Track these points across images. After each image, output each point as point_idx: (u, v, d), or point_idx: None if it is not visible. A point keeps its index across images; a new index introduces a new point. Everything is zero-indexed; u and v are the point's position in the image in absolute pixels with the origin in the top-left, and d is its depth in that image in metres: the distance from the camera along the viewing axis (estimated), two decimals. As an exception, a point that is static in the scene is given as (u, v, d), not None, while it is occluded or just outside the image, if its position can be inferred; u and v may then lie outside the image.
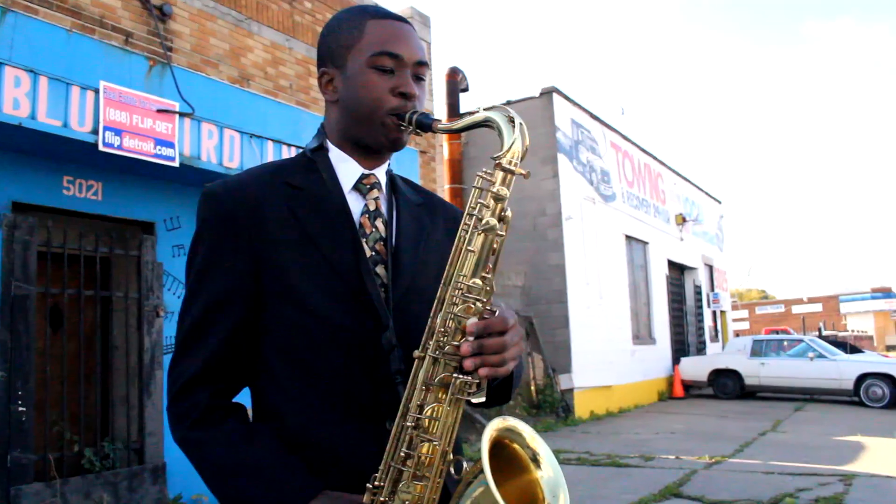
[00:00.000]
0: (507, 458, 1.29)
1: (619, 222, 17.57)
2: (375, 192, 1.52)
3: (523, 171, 1.34)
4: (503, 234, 1.31)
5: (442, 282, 1.32)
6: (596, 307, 15.81)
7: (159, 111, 6.42)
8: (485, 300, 1.29)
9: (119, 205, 6.84)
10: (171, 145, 6.47)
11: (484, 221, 1.29)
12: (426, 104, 1.57)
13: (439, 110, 17.44)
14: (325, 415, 1.38)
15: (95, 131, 5.94)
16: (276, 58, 8.41)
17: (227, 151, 6.93)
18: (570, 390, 14.60)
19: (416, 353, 1.30)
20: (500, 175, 1.31)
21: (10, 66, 5.48)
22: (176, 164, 6.46)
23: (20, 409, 5.94)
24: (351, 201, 1.49)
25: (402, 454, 1.26)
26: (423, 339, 1.31)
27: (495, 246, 1.31)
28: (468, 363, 1.24)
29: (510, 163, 1.32)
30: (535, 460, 1.29)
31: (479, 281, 1.28)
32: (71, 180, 6.55)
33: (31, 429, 6.03)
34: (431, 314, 1.31)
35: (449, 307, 1.29)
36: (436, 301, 1.31)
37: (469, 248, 1.30)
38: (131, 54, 6.87)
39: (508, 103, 16.02)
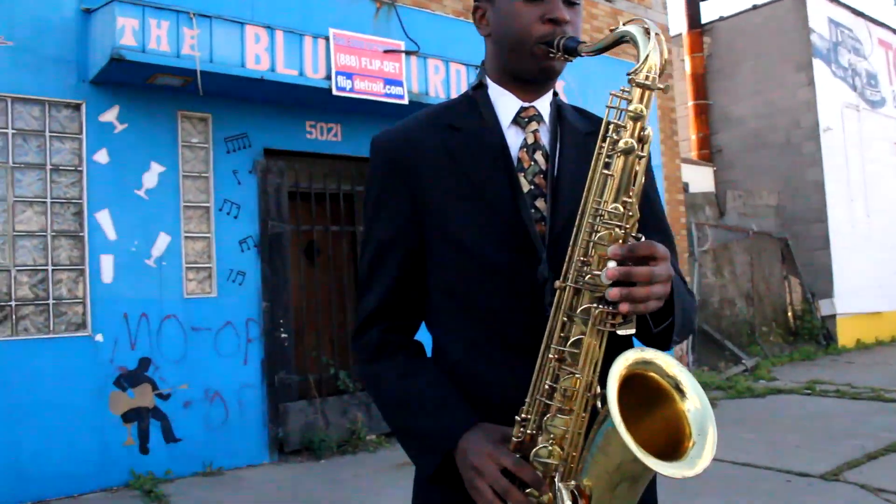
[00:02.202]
0: (648, 389, 1.20)
1: (889, 130, 15.65)
2: (534, 125, 1.47)
3: (661, 86, 1.24)
4: (644, 154, 1.23)
5: (580, 209, 1.26)
6: (862, 225, 14.34)
7: (386, 52, 6.64)
8: (628, 226, 1.22)
9: (358, 144, 7.22)
10: (399, 84, 6.70)
11: (622, 143, 1.21)
12: (581, 28, 1.46)
13: (678, 22, 16.46)
14: (483, 348, 1.39)
15: (329, 77, 6.28)
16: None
17: (454, 85, 7.04)
18: (833, 316, 13.50)
19: (558, 283, 1.26)
20: (637, 92, 1.23)
21: (250, 24, 5.92)
22: (405, 101, 6.68)
23: (282, 335, 6.60)
24: (510, 136, 1.46)
25: (547, 387, 1.24)
26: (564, 268, 1.26)
27: (637, 168, 1.22)
28: (613, 292, 1.17)
29: (647, 78, 1.22)
30: (680, 390, 1.19)
31: (619, 206, 1.21)
32: (312, 125, 7.01)
33: (292, 353, 6.69)
34: (571, 242, 1.25)
35: (587, 235, 1.23)
36: (574, 229, 1.26)
37: (607, 171, 1.23)
38: (358, 0, 7.16)
39: (755, 8, 14.71)
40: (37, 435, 5.33)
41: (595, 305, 1.21)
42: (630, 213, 1.22)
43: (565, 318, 1.24)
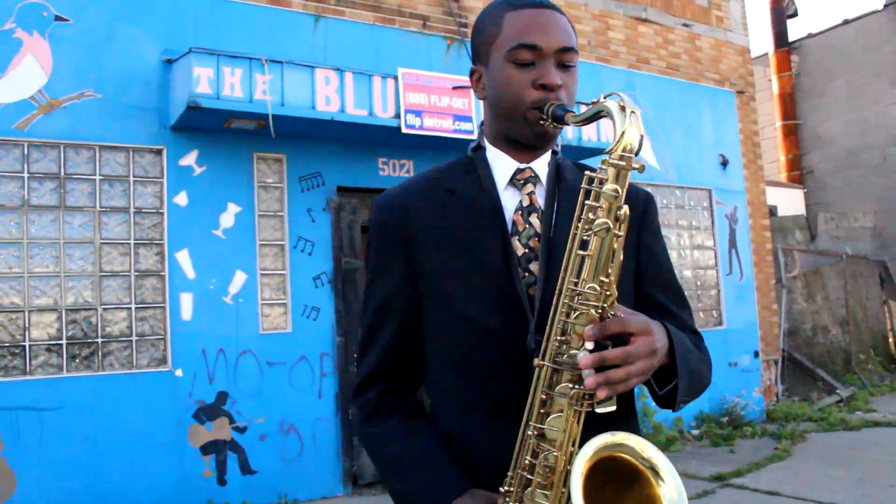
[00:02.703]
0: (623, 471, 1.20)
1: None
2: (530, 187, 1.48)
3: (636, 165, 1.25)
4: (621, 234, 1.24)
5: (556, 289, 1.27)
6: (970, 247, 13.58)
7: (454, 88, 6.73)
8: (605, 305, 1.23)
9: (429, 179, 7.31)
10: (468, 119, 6.77)
11: (598, 223, 1.22)
12: (573, 89, 1.47)
13: (764, 42, 16.04)
14: (474, 412, 1.42)
15: (398, 115, 6.41)
16: (571, 16, 8.31)
17: (521, 119, 7.05)
18: (938, 343, 12.79)
19: (537, 360, 1.27)
20: (612, 171, 1.24)
21: (320, 68, 6.11)
22: (475, 136, 6.70)
23: (356, 369, 6.70)
24: (506, 198, 1.47)
25: (527, 462, 1.25)
26: (543, 346, 1.27)
27: (615, 247, 1.23)
28: (588, 381, 1.19)
29: (621, 158, 1.23)
30: (656, 472, 1.19)
31: (596, 286, 1.22)
32: (385, 161, 7.16)
33: (365, 387, 6.78)
34: (549, 321, 1.27)
35: (563, 315, 1.25)
36: (551, 309, 1.27)
37: (582, 252, 1.24)
38: (429, 37, 7.29)
39: (846, 23, 14.20)
40: (120, 465, 5.58)
41: (572, 386, 1.22)
42: (608, 293, 1.23)
43: (544, 396, 1.26)
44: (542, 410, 1.25)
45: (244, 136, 6.30)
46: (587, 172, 1.30)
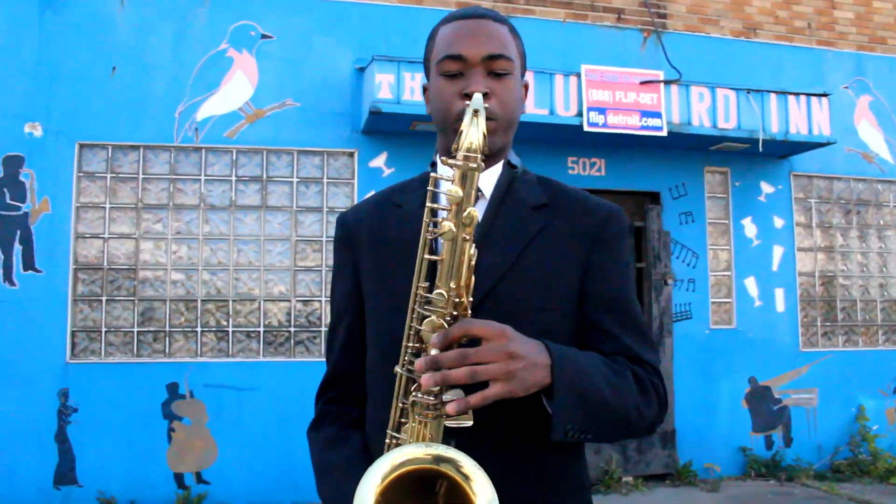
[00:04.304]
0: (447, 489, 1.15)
1: None
2: None
3: (473, 165, 1.19)
4: (468, 237, 1.20)
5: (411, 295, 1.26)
6: None
7: (642, 83, 6.46)
8: (455, 312, 1.20)
9: (623, 178, 7.10)
10: (657, 115, 6.47)
11: (443, 227, 1.19)
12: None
13: None
14: (376, 421, 1.42)
15: (580, 113, 6.29)
16: (789, -3, 7.63)
17: (721, 113, 6.61)
18: None
19: (396, 368, 1.26)
20: (457, 173, 1.20)
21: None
22: (664, 133, 6.43)
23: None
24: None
25: None
26: (401, 355, 1.26)
27: (467, 252, 1.20)
28: (424, 380, 1.16)
29: (465, 157, 1.19)
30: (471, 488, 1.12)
31: (443, 293, 1.19)
32: (575, 160, 7.05)
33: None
34: (404, 328, 1.27)
35: (413, 322, 1.24)
36: (406, 316, 1.27)
37: (430, 256, 1.23)
38: (624, 30, 7.07)
39: None
40: (306, 444, 6.04)
41: (415, 394, 1.21)
42: (458, 300, 1.20)
43: (401, 405, 1.25)
44: (400, 419, 1.25)
45: (430, 137, 6.52)
46: (431, 174, 1.28)
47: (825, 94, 6.86)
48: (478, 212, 1.21)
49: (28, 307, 5.72)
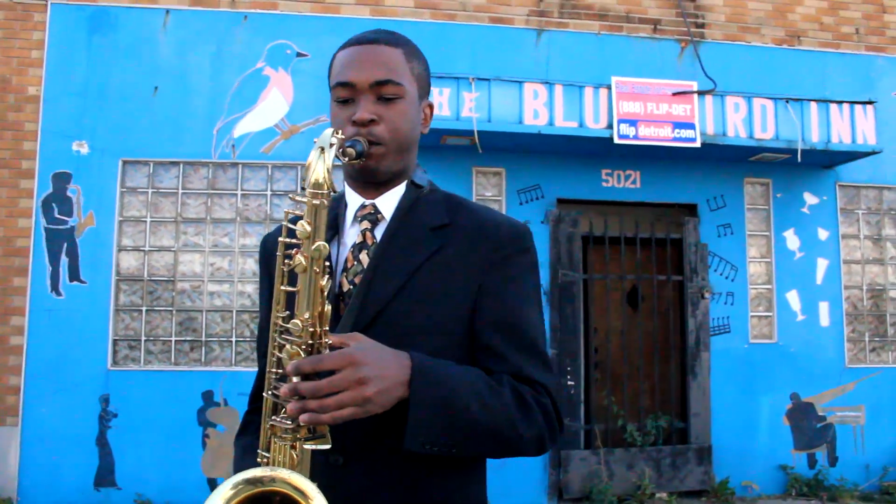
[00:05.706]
0: None
1: None
2: (367, 224, 1.49)
3: (316, 202, 1.22)
4: (318, 270, 1.24)
5: (271, 324, 1.31)
6: None
7: (675, 94, 6.39)
8: (310, 342, 1.24)
9: (659, 190, 7.02)
10: (690, 126, 6.38)
11: (296, 259, 1.23)
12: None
13: None
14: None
15: (610, 126, 6.26)
16: (835, 2, 7.42)
17: (757, 123, 6.48)
18: None
19: (264, 392, 1.31)
20: (308, 208, 1.24)
21: (529, 82, 6.20)
22: (697, 144, 6.35)
23: (569, 382, 6.67)
24: (350, 235, 1.50)
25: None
26: (266, 379, 1.31)
27: (320, 284, 1.25)
28: (289, 408, 1.21)
29: (313, 194, 1.23)
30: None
31: (298, 322, 1.23)
32: (609, 173, 7.00)
33: (579, 401, 6.72)
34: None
35: (272, 349, 1.29)
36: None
37: (286, 288, 1.27)
38: (660, 41, 7.01)
39: None
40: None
41: (274, 418, 1.27)
42: (312, 329, 1.24)
43: (268, 426, 1.30)
44: (271, 439, 1.30)
45: (462, 151, 6.58)
46: (285, 210, 1.32)
47: (870, 102, 6.66)
48: (327, 246, 1.24)
49: (73, 316, 6.01)
